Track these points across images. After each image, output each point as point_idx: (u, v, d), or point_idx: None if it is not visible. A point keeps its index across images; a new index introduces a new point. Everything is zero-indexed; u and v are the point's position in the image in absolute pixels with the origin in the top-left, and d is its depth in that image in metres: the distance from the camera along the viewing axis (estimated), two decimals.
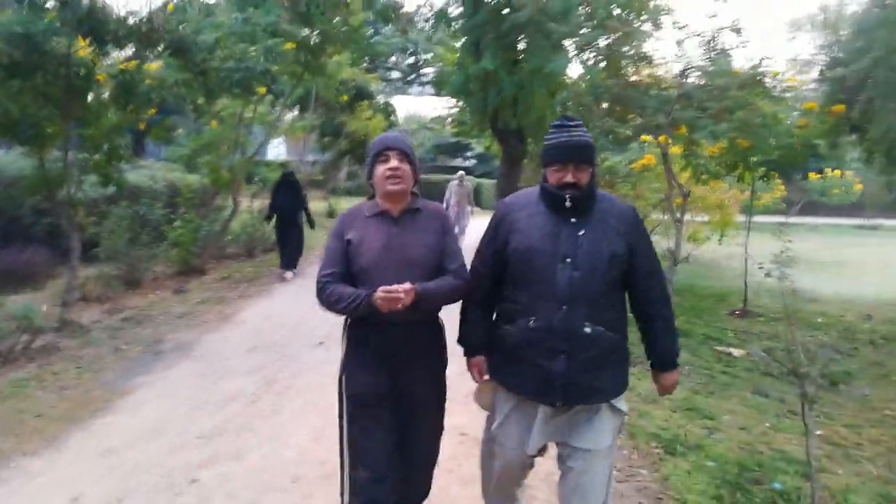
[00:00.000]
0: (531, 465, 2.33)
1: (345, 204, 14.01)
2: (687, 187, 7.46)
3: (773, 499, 3.28)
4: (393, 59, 25.57)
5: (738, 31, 6.79)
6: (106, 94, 5.39)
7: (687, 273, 10.23)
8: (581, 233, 2.08)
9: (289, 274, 8.65)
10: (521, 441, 2.18)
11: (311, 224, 9.12)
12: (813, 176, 23.82)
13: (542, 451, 2.25)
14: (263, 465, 3.27)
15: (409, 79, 31.43)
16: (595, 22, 6.92)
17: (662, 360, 2.26)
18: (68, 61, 4.83)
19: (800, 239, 19.03)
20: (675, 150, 7.82)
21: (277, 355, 5.22)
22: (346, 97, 13.15)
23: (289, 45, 6.56)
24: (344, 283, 2.19)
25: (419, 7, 12.17)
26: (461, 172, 12.85)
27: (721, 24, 6.71)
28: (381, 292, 2.01)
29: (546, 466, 2.87)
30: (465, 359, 2.37)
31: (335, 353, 2.38)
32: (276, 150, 22.34)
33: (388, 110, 17.22)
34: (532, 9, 6.83)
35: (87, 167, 5.96)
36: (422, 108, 26.04)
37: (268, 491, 3.01)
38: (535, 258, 2.09)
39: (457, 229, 13.81)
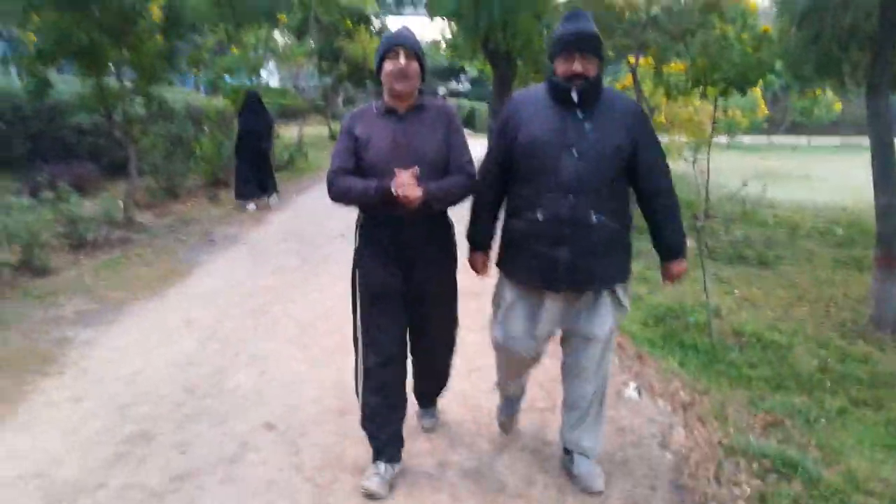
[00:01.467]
0: (538, 358, 2.44)
1: None
2: (654, 103, 8.43)
3: (686, 326, 4.52)
4: None
5: None
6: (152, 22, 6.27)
7: None
8: (587, 125, 2.11)
9: (251, 206, 7.99)
10: (526, 330, 2.28)
11: (266, 151, 8.34)
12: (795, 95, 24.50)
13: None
14: (311, 305, 4.49)
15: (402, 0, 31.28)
16: None
17: (668, 250, 2.30)
18: None
19: (780, 157, 20.05)
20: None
21: (306, 244, 6.39)
22: (349, 22, 13.71)
23: None
24: (353, 175, 2.24)
25: None
26: (441, 91, 12.13)
27: None
28: (400, 179, 2.07)
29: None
30: (469, 251, 2.47)
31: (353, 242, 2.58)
32: (270, 76, 22.69)
33: (383, 34, 17.73)
34: None
35: (134, 89, 6.90)
36: (415, 30, 26.29)
37: (317, 317, 4.22)
38: (542, 150, 2.12)
39: None
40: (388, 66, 2.19)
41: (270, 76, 21.32)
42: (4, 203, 5.27)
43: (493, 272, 2.47)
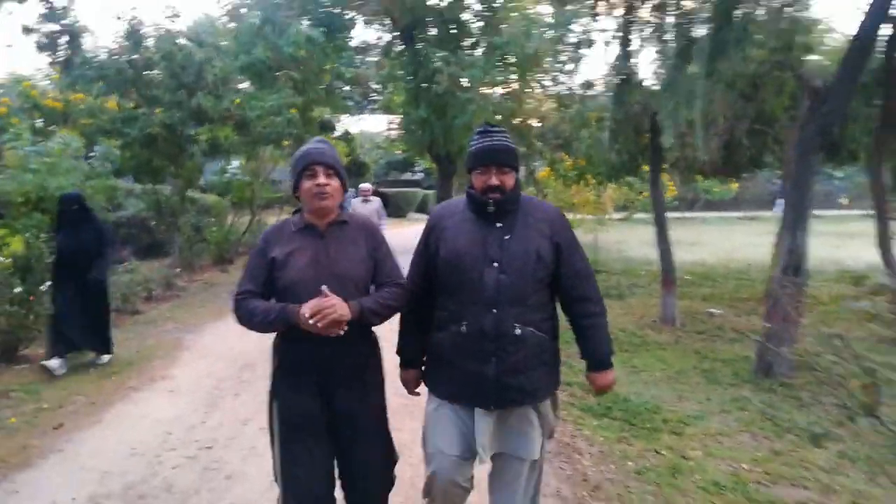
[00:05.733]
0: (469, 487, 2.25)
1: None
2: (548, 188, 11.77)
3: None
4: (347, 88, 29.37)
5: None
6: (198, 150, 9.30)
7: None
8: (507, 237, 2.11)
9: (55, 362, 5.13)
10: (460, 448, 2.17)
11: (99, 286, 5.46)
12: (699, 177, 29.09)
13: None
14: None
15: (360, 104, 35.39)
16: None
17: (595, 360, 2.25)
18: (182, 135, 8.76)
19: (685, 229, 23.78)
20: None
21: None
22: (326, 135, 17.03)
23: (293, 111, 10.55)
24: (261, 299, 2.13)
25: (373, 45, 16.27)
26: (364, 185, 9.61)
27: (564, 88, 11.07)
28: (309, 309, 1.93)
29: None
30: (400, 368, 2.39)
31: None
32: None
33: (347, 138, 21.17)
34: (447, 83, 11.06)
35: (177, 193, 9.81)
36: (373, 125, 30.16)
37: None
38: (463, 263, 2.11)
39: None
40: (306, 184, 2.12)
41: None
42: (112, 270, 7.95)
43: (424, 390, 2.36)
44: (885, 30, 5.91)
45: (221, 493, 3.20)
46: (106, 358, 5.51)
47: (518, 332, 2.08)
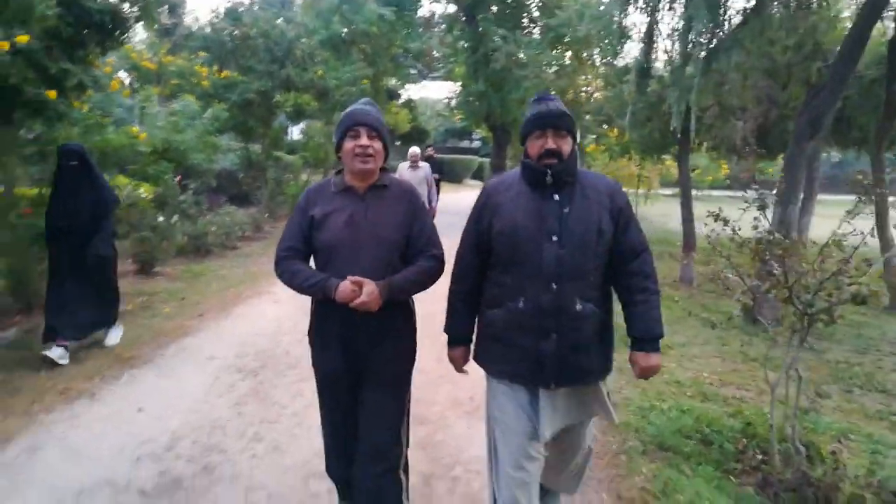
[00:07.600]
0: (540, 456, 2.14)
1: None
2: (593, 161, 12.76)
3: None
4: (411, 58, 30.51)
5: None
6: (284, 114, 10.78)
7: None
8: (566, 210, 2.05)
9: (56, 351, 4.26)
10: (526, 421, 2.11)
11: (102, 262, 4.59)
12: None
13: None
14: None
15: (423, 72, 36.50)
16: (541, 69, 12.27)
17: (643, 338, 2.12)
18: (272, 101, 10.23)
19: (735, 204, 24.58)
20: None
21: None
22: (392, 106, 18.40)
23: (365, 81, 11.90)
24: (302, 259, 2.20)
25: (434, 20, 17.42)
26: (413, 150, 8.48)
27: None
28: (344, 287, 2.00)
29: None
30: (447, 347, 2.35)
31: None
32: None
33: (410, 105, 22.48)
34: (503, 60, 12.14)
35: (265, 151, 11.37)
36: (434, 93, 31.00)
37: None
38: (521, 238, 2.05)
39: None
40: (348, 144, 2.13)
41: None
42: (216, 212, 9.58)
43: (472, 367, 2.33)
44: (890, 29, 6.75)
45: None
46: (114, 338, 4.81)
47: (579, 307, 2.02)
